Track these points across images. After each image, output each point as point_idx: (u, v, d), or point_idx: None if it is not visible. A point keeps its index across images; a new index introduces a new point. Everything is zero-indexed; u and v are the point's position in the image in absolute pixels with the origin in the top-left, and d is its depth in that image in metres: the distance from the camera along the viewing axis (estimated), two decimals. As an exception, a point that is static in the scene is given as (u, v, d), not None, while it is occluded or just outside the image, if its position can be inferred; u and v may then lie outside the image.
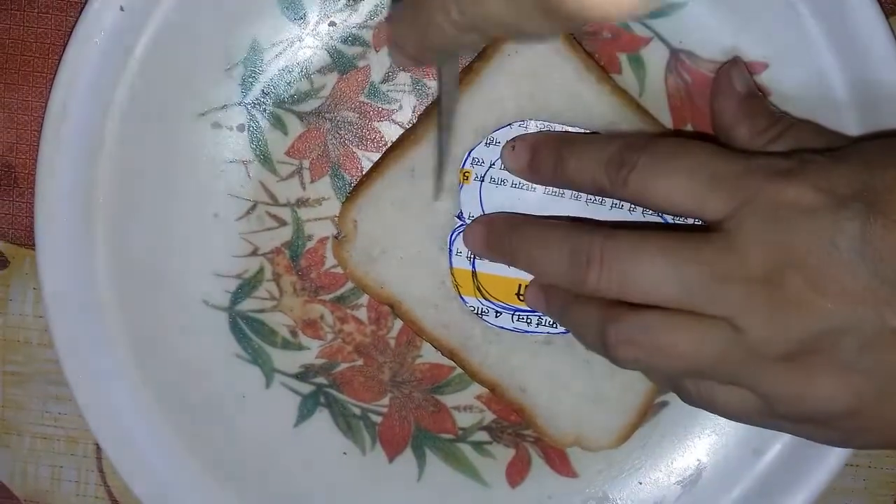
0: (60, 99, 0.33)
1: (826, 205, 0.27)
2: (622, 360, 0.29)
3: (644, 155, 0.29)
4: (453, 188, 0.34)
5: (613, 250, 0.29)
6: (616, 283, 0.28)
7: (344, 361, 0.36)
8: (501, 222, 0.33)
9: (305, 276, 0.36)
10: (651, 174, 0.29)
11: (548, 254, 0.31)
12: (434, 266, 0.34)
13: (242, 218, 0.36)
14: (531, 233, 0.32)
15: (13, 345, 0.37)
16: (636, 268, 0.28)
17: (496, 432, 0.37)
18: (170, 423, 0.35)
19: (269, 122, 0.35)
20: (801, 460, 0.35)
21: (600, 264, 0.29)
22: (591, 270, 0.29)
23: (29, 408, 0.37)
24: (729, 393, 0.29)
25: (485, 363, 0.35)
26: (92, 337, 0.35)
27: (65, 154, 0.34)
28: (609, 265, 0.28)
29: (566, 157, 0.31)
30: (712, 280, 0.27)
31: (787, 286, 0.27)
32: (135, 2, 0.33)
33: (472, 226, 0.34)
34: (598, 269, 0.29)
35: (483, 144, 0.34)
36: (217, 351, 0.36)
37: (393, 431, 0.37)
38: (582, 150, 0.31)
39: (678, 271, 0.28)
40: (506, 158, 0.33)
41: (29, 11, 0.35)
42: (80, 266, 0.34)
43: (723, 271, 0.27)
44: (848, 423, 0.28)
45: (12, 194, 0.36)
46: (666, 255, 0.28)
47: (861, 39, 0.33)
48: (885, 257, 0.26)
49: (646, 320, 0.28)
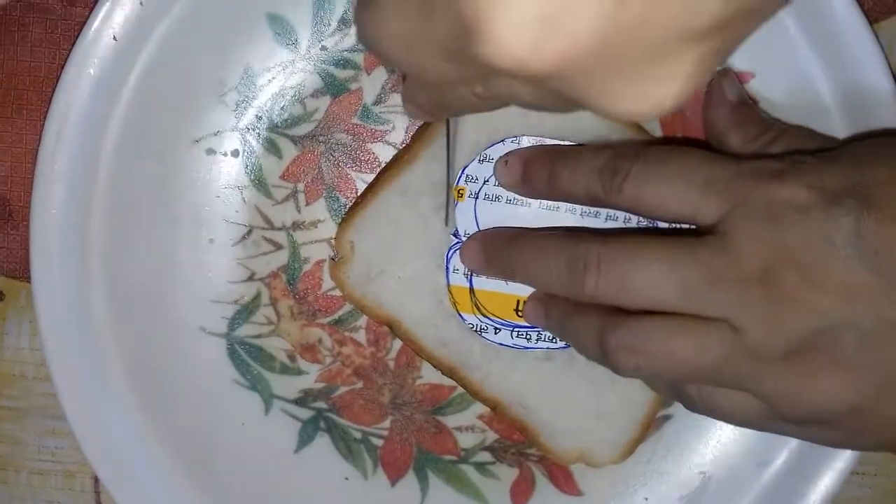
0: (55, 130, 0.33)
1: (819, 202, 0.27)
2: (623, 367, 0.29)
3: (637, 162, 0.30)
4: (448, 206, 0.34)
5: (610, 255, 0.29)
6: (614, 288, 0.28)
7: (343, 385, 0.36)
8: (497, 237, 0.33)
9: (303, 300, 0.36)
10: (644, 181, 0.29)
11: (545, 264, 0.31)
12: (432, 284, 0.34)
13: (238, 243, 0.36)
14: (527, 245, 0.32)
15: (9, 379, 0.37)
16: (633, 272, 0.28)
17: (499, 452, 0.37)
18: (169, 452, 0.35)
19: (263, 146, 0.35)
20: (808, 469, 0.35)
21: (597, 269, 0.29)
22: (589, 276, 0.29)
23: (25, 443, 0.37)
24: (731, 397, 0.29)
25: (485, 381, 0.35)
26: (89, 368, 0.34)
27: (59, 185, 0.34)
28: (606, 270, 0.29)
29: (559, 170, 0.32)
30: (709, 281, 0.27)
31: (784, 284, 0.27)
32: (128, 31, 0.33)
33: (468, 243, 0.34)
34: (596, 274, 0.29)
35: (476, 161, 0.34)
36: (215, 378, 0.36)
37: (395, 454, 0.37)
38: (575, 161, 0.31)
39: (675, 274, 0.28)
40: (499, 174, 0.34)
41: (22, 45, 0.35)
42: (76, 297, 0.34)
43: (719, 272, 0.27)
44: (851, 422, 0.27)
45: (7, 227, 0.36)
46: (662, 258, 0.28)
47: (846, 46, 0.33)
48: (880, 251, 0.26)
49: (645, 326, 0.28)
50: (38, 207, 0.34)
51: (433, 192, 0.34)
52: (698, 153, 0.30)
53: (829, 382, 0.27)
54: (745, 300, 0.27)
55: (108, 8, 0.33)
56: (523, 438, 0.36)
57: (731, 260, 0.27)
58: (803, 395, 0.27)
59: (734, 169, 0.29)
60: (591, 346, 0.30)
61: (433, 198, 0.34)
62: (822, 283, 0.26)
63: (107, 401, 0.35)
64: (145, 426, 0.35)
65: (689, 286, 0.28)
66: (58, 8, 0.35)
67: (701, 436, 0.36)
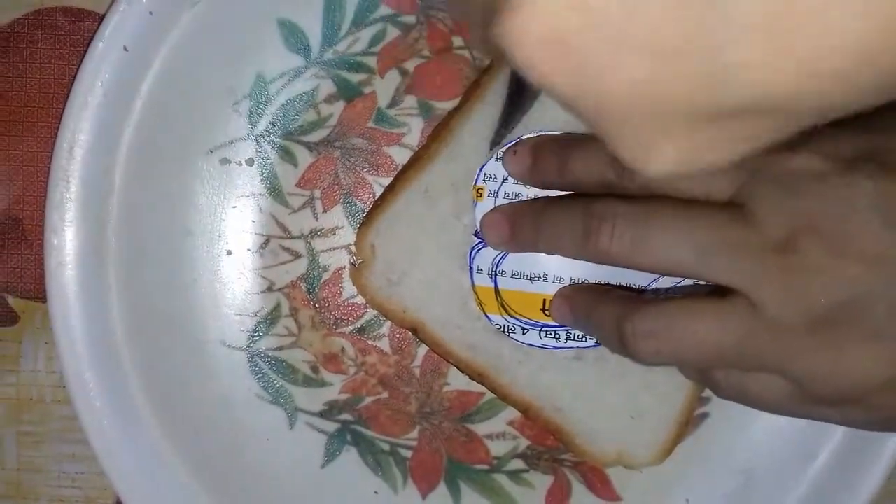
0: (67, 145, 0.33)
1: (836, 169, 0.26)
2: (643, 354, 0.28)
3: None
4: (468, 206, 0.33)
5: (627, 213, 0.28)
6: (628, 247, 0.28)
7: (369, 395, 0.35)
8: (523, 206, 0.32)
9: (324, 309, 0.35)
10: None
11: (565, 221, 0.30)
12: (456, 286, 0.33)
13: (256, 253, 0.35)
14: (552, 209, 0.31)
15: (27, 404, 0.36)
16: (648, 231, 0.27)
17: (532, 459, 0.36)
18: (192, 471, 0.34)
19: (277, 154, 0.35)
20: (855, 460, 0.34)
21: (612, 227, 0.28)
22: (603, 234, 0.28)
23: (45, 469, 0.36)
24: (759, 381, 0.28)
25: (515, 383, 0.34)
26: (109, 388, 0.33)
27: (73, 202, 0.33)
28: (622, 229, 0.28)
29: (571, 158, 0.31)
30: (726, 246, 0.26)
31: (804, 252, 0.25)
32: (138, 42, 0.33)
33: (492, 214, 0.33)
34: (610, 232, 0.28)
35: (494, 159, 0.33)
36: (237, 393, 0.35)
37: (425, 466, 0.35)
38: (586, 148, 0.31)
39: (691, 235, 0.27)
40: (507, 163, 0.33)
41: (31, 62, 0.35)
42: (93, 315, 0.33)
43: (736, 239, 0.26)
44: (888, 399, 0.26)
45: (21, 247, 0.36)
46: (679, 220, 0.27)
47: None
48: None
49: (663, 309, 0.28)
50: (51, 226, 0.33)
51: (454, 191, 0.33)
52: None
53: (860, 356, 0.25)
54: (764, 269, 0.26)
55: (117, 19, 0.32)
56: (557, 444, 0.35)
57: (748, 228, 0.26)
58: (832, 371, 0.26)
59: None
60: (612, 335, 0.29)
61: (454, 198, 0.33)
62: (845, 250, 0.25)
63: (127, 421, 0.34)
64: (167, 446, 0.34)
65: (707, 248, 0.27)
66: (66, 24, 0.35)
67: (741, 432, 0.35)
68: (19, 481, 0.36)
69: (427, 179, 0.33)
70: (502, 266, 0.33)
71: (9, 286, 0.36)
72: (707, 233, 0.27)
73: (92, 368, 0.33)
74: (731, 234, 0.26)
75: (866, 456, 0.34)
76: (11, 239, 0.36)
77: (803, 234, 0.26)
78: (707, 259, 0.27)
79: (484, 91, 0.33)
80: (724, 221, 0.27)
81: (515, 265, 0.33)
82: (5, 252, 0.35)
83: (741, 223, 0.27)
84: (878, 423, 0.28)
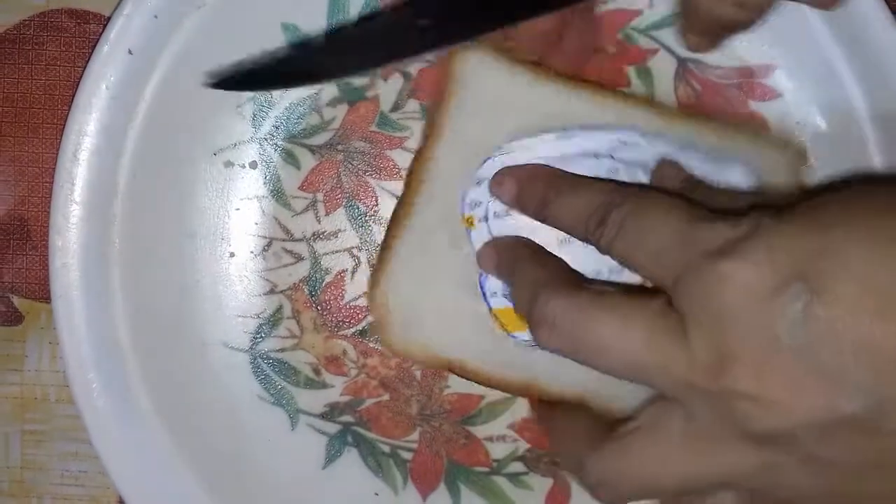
0: (72, 147, 0.33)
1: (765, 287, 0.24)
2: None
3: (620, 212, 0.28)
4: (463, 236, 0.33)
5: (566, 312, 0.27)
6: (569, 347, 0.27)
7: (370, 397, 0.35)
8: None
9: (325, 311, 0.35)
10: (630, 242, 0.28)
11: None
12: (475, 314, 0.33)
13: (259, 255, 0.35)
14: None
15: (31, 403, 0.36)
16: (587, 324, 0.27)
17: (532, 462, 0.36)
18: (194, 471, 0.34)
19: (281, 157, 0.35)
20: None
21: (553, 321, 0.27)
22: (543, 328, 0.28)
23: (48, 468, 0.36)
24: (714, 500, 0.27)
25: (562, 383, 0.33)
26: (112, 388, 0.34)
27: (77, 203, 0.33)
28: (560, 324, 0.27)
29: (551, 201, 0.31)
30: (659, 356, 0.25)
31: (731, 380, 0.24)
32: (143, 44, 0.33)
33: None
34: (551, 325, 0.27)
35: (475, 186, 0.33)
36: (239, 394, 0.35)
37: (425, 468, 0.36)
38: (566, 200, 0.31)
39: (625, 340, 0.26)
40: (494, 192, 0.33)
41: (36, 64, 0.35)
42: (97, 315, 0.34)
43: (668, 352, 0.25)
44: None
45: (25, 248, 0.36)
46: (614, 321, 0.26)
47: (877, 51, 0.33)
48: (826, 341, 0.23)
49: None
50: (56, 226, 0.33)
51: (446, 226, 0.33)
52: (667, 207, 0.28)
53: (796, 477, 0.25)
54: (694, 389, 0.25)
55: (123, 22, 0.32)
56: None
57: (681, 342, 0.25)
58: (766, 487, 0.25)
59: (685, 235, 0.26)
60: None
61: (447, 233, 0.33)
62: (769, 380, 0.24)
63: (130, 421, 0.34)
64: (170, 446, 0.34)
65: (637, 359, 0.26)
66: (72, 26, 0.35)
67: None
68: (23, 479, 0.36)
69: (417, 224, 0.33)
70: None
71: (14, 286, 0.36)
72: (640, 341, 0.26)
73: (95, 368, 0.34)
74: (664, 344, 0.25)
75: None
76: (16, 239, 0.36)
77: (729, 363, 0.24)
78: (638, 370, 0.26)
79: (442, 123, 0.33)
80: (660, 326, 0.26)
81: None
82: (10, 252, 0.36)
83: (675, 333, 0.25)
84: None
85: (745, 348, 0.24)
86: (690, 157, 0.33)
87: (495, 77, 0.33)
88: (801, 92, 0.34)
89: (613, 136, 0.33)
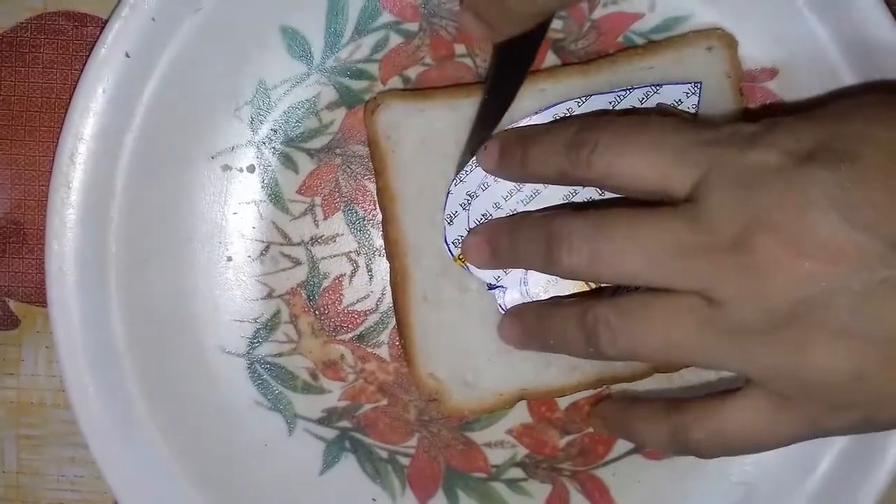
0: (68, 150, 0.33)
1: (792, 162, 0.25)
2: (605, 348, 0.28)
3: (605, 133, 0.28)
4: (464, 276, 0.33)
5: (581, 228, 0.28)
6: (585, 261, 0.28)
7: (367, 402, 0.35)
8: (498, 227, 0.32)
9: (323, 316, 0.35)
10: (614, 152, 0.28)
11: (531, 246, 0.30)
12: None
13: (256, 260, 0.35)
14: (519, 230, 0.31)
15: (27, 407, 0.36)
16: (600, 243, 0.27)
17: (530, 468, 0.35)
18: (191, 477, 0.34)
19: (279, 161, 0.35)
20: (854, 474, 0.34)
21: (570, 244, 0.28)
22: (562, 251, 0.28)
23: (44, 473, 0.36)
24: (732, 411, 0.28)
25: (633, 365, 0.33)
26: (108, 393, 0.34)
27: (74, 206, 0.33)
28: (578, 243, 0.28)
29: (528, 147, 0.31)
30: (678, 250, 0.26)
31: (759, 250, 0.25)
32: (141, 48, 0.33)
33: (470, 239, 0.33)
34: (568, 248, 0.28)
35: (449, 225, 0.33)
36: (236, 399, 0.35)
37: (423, 473, 0.35)
38: (541, 141, 0.30)
39: (641, 244, 0.26)
40: (480, 161, 0.32)
41: (34, 67, 0.35)
42: (94, 320, 0.33)
43: (689, 241, 0.26)
44: (859, 395, 0.25)
45: (21, 251, 0.36)
46: (629, 229, 0.27)
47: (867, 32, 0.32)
48: (861, 204, 0.24)
49: (619, 302, 0.27)
50: (52, 230, 0.33)
51: (444, 276, 0.33)
52: (671, 121, 0.28)
53: (824, 352, 0.25)
54: (718, 270, 0.25)
55: (120, 25, 0.32)
56: (555, 452, 0.35)
57: (701, 228, 0.26)
58: (796, 370, 0.25)
59: (706, 135, 0.27)
60: (574, 335, 0.29)
61: (449, 280, 0.33)
62: (801, 245, 0.24)
63: (127, 426, 0.34)
64: (166, 451, 0.34)
65: (656, 255, 0.26)
66: (69, 28, 0.35)
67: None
68: (19, 484, 0.36)
69: (419, 291, 0.33)
70: (531, 294, 0.33)
71: (10, 290, 0.36)
72: (657, 239, 0.26)
73: (91, 373, 0.33)
74: (681, 238, 0.26)
75: (866, 468, 0.33)
76: (12, 243, 0.36)
77: (758, 231, 0.25)
78: (656, 267, 0.26)
79: (388, 174, 0.33)
80: (675, 226, 0.26)
81: (540, 288, 0.33)
82: (6, 256, 0.36)
83: (692, 224, 0.26)
84: (862, 424, 0.27)
85: (775, 216, 0.25)
86: (630, 99, 0.32)
87: (413, 117, 0.33)
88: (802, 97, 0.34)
89: (548, 114, 0.33)
